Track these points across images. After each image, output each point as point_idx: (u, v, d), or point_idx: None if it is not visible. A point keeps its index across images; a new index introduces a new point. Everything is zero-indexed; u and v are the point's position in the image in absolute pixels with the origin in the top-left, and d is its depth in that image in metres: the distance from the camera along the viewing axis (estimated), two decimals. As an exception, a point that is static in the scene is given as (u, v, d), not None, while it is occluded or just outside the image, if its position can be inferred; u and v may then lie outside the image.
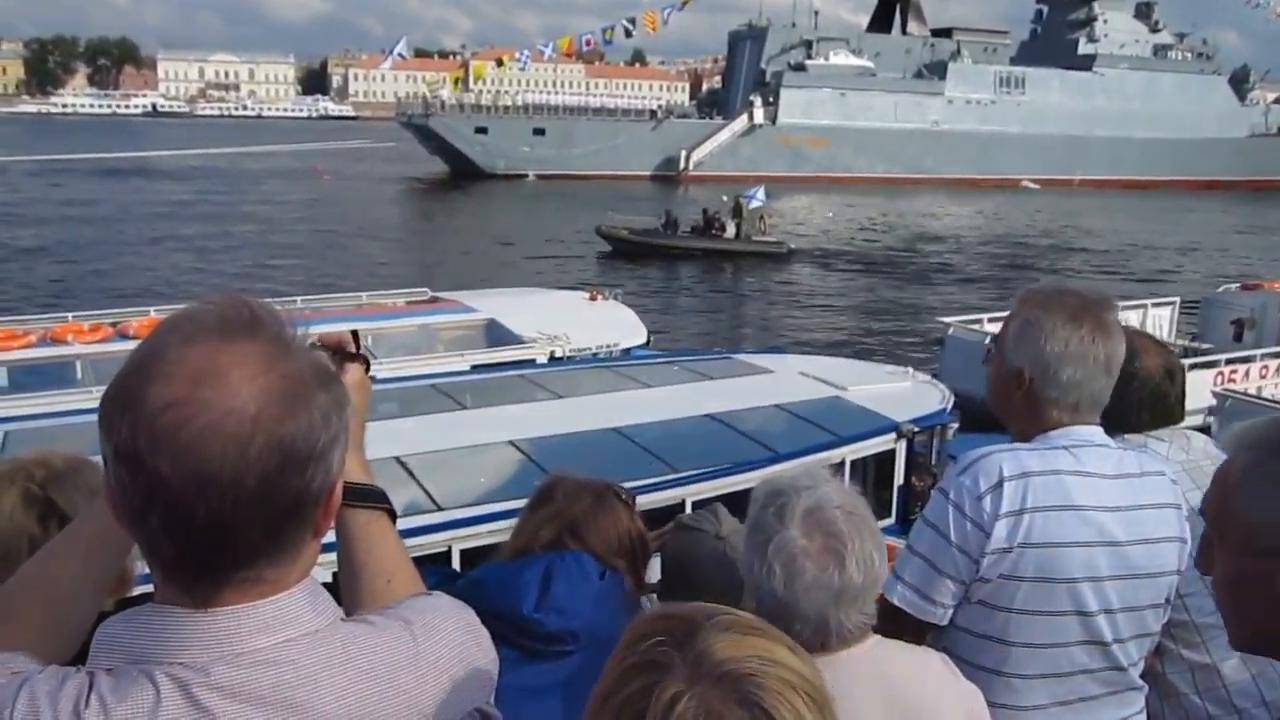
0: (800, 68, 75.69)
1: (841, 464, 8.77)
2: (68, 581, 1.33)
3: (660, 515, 7.54)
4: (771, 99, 73.80)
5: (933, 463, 9.72)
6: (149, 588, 1.19)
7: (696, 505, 7.43)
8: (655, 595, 2.68)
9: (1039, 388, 2.27)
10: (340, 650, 1.15)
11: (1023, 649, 2.21)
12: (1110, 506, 2.20)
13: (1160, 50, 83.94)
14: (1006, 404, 2.39)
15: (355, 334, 1.59)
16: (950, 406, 10.02)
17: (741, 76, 79.39)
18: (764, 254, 34.21)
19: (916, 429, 9.30)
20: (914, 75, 79.18)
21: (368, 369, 1.55)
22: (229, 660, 1.09)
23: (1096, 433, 2.29)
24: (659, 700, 1.03)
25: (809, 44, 77.55)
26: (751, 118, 72.92)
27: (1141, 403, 2.90)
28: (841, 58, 76.87)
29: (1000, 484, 2.16)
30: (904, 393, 10.32)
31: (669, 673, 1.05)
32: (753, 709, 1.02)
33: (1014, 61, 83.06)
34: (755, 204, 33.84)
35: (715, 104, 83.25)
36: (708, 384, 10.67)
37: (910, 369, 11.19)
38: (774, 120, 73.34)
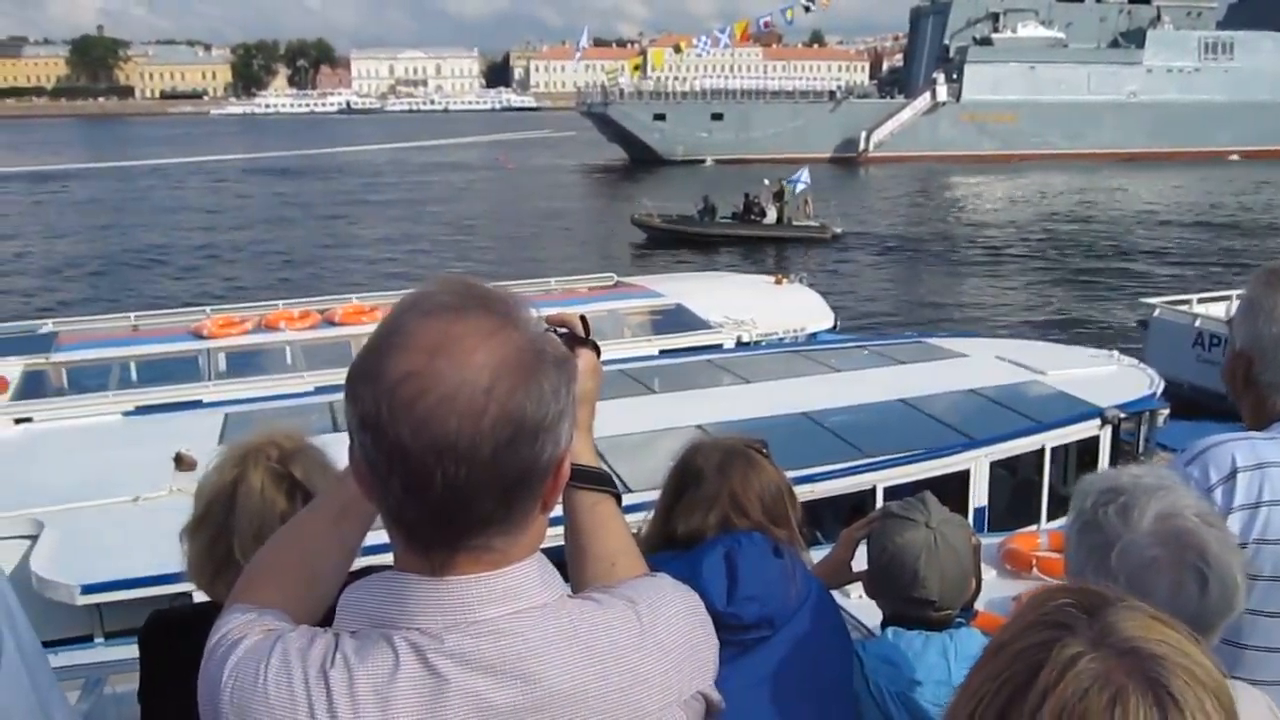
0: (986, 42, 72.87)
1: (1041, 451, 8.51)
2: (316, 549, 1.41)
3: (851, 501, 7.53)
4: (955, 75, 71.31)
5: (1139, 451, 9.29)
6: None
7: (889, 492, 7.35)
8: (860, 585, 2.67)
9: (1259, 371, 2.15)
10: (567, 625, 1.18)
11: (1259, 652, 2.07)
12: None
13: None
14: (1235, 388, 2.26)
15: (584, 319, 1.60)
16: (1160, 392, 9.56)
17: (924, 53, 77.02)
18: (806, 239, 32.71)
19: (1123, 415, 8.91)
20: (1109, 45, 75.02)
21: (598, 355, 1.57)
22: (462, 628, 1.14)
23: None
24: (1059, 655, 1.02)
25: (995, 16, 74.43)
26: (934, 96, 70.66)
27: None
28: (1030, 29, 73.52)
29: (1233, 475, 2.04)
30: (1109, 377, 9.90)
31: (1073, 633, 1.04)
32: (1158, 689, 0.99)
33: (1220, 26, 77.76)
34: (800, 187, 32.22)
35: (896, 83, 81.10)
36: (899, 368, 10.50)
37: (1115, 352, 10.72)
38: (958, 97, 70.85)
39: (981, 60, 71.08)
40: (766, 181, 34.06)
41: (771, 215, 32.43)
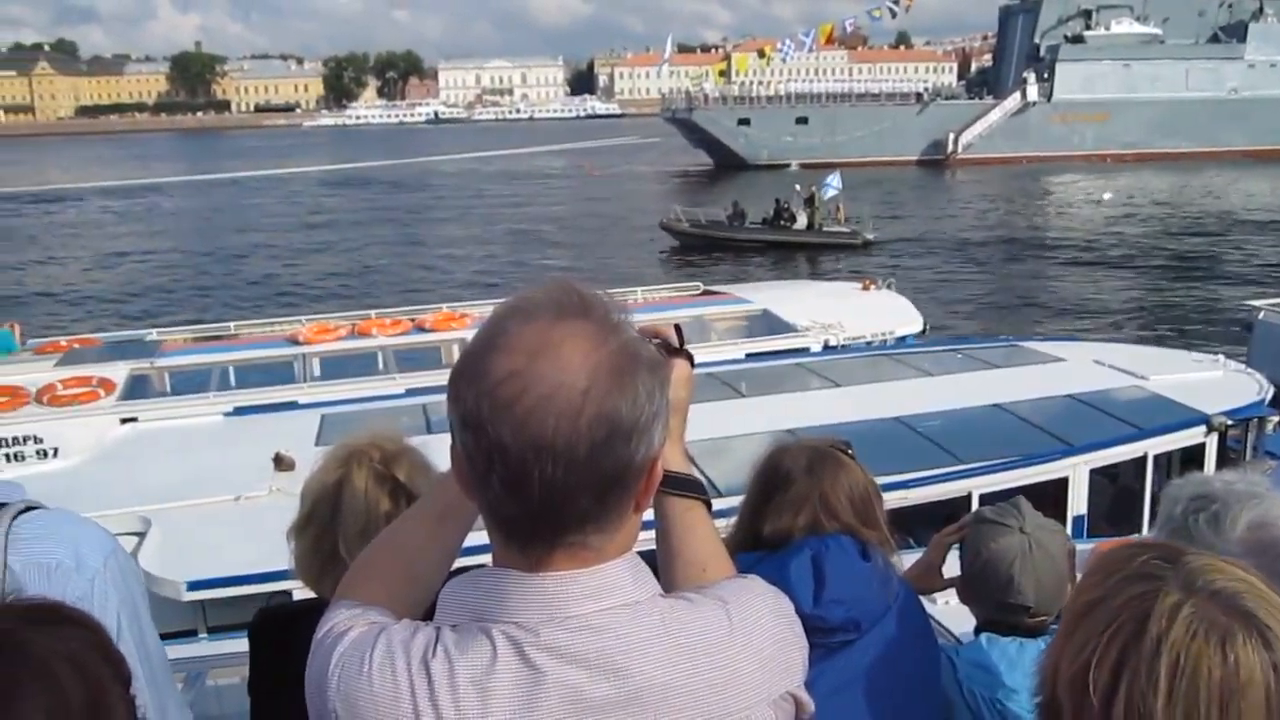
0: (1078, 39, 71.24)
1: (1143, 459, 8.28)
2: (418, 550, 1.44)
3: (945, 508, 7.40)
4: (1046, 74, 69.81)
5: (1247, 459, 8.97)
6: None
7: (984, 498, 7.20)
8: (954, 591, 2.62)
9: None
10: (659, 622, 1.20)
11: None
12: None
13: None
14: None
15: (679, 328, 1.60)
16: (1269, 398, 9.23)
17: (1013, 53, 75.55)
18: (837, 245, 31.95)
19: (1230, 422, 8.61)
20: (1208, 40, 72.74)
21: (692, 365, 1.58)
22: (557, 623, 1.17)
23: None
24: (1163, 604, 1.11)
25: (1088, 13, 72.67)
26: (1024, 95, 69.30)
27: None
28: (1124, 26, 71.61)
29: None
30: (1214, 382, 9.59)
31: (1166, 583, 1.12)
32: (1248, 619, 1.10)
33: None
34: (831, 192, 31.54)
35: (985, 83, 79.79)
36: (992, 372, 10.31)
37: (1220, 357, 10.38)
38: (1049, 97, 69.38)
39: (1073, 59, 69.53)
40: (798, 187, 33.75)
41: (802, 220, 31.96)
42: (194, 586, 6.32)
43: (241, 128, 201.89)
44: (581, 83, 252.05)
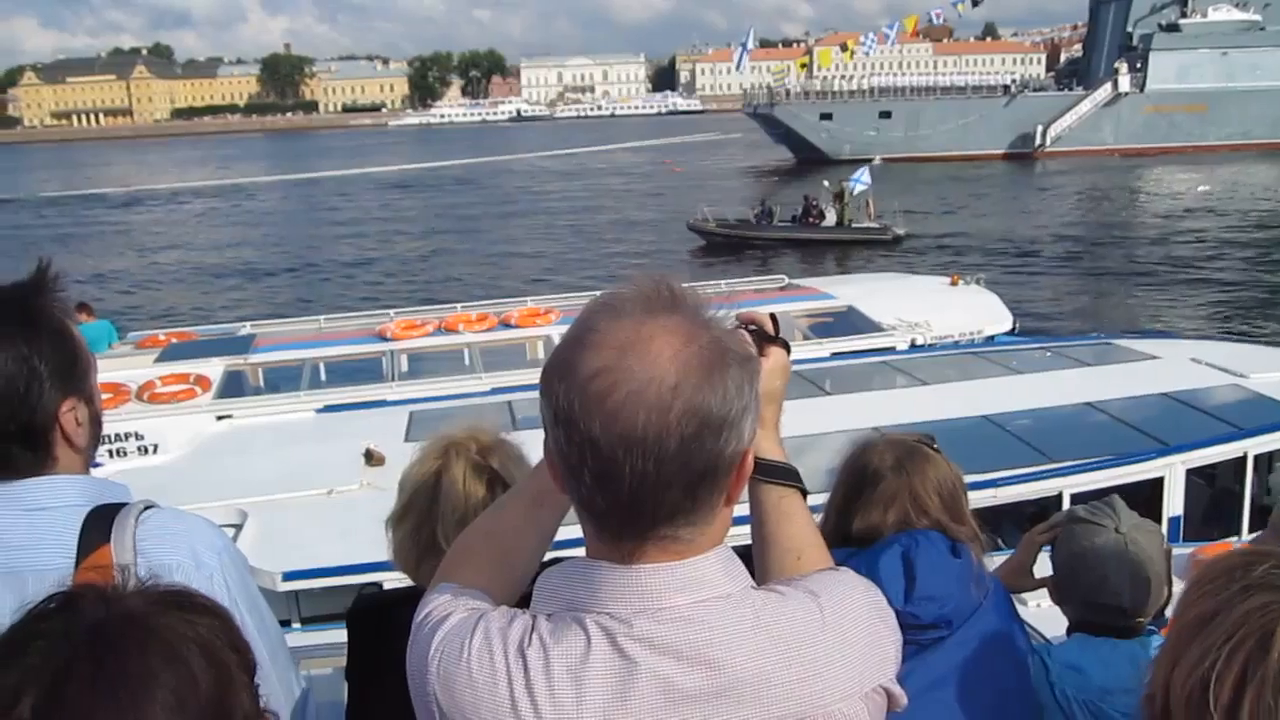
0: (1173, 28, 68.99)
1: (1242, 459, 8.03)
2: (514, 535, 1.48)
3: (1035, 507, 7.27)
4: (1139, 64, 67.77)
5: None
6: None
7: (1075, 498, 7.07)
8: (1045, 591, 2.59)
9: None
10: (751, 615, 1.22)
11: None
12: None
13: None
14: None
15: (774, 317, 1.61)
16: (1377, 397, 8.88)
17: (1105, 42, 73.51)
18: (867, 241, 31.04)
19: (1335, 421, 8.31)
20: (1312, 26, 70.01)
21: (788, 353, 1.58)
22: (650, 614, 1.19)
23: None
24: None
25: (1183, 1, 70.54)
26: (1116, 86, 67.33)
27: None
28: (1223, 13, 69.09)
29: None
30: (1320, 381, 9.26)
31: None
32: None
33: None
34: (860, 188, 30.72)
35: (1075, 74, 77.79)
36: (1085, 370, 10.11)
37: (1325, 355, 10.02)
38: (1142, 87, 67.33)
39: (1168, 47, 67.26)
40: (826, 183, 33.17)
41: (831, 217, 31.19)
42: (289, 577, 6.48)
43: (329, 128, 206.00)
44: (663, 79, 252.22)
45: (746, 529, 1.51)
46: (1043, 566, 2.63)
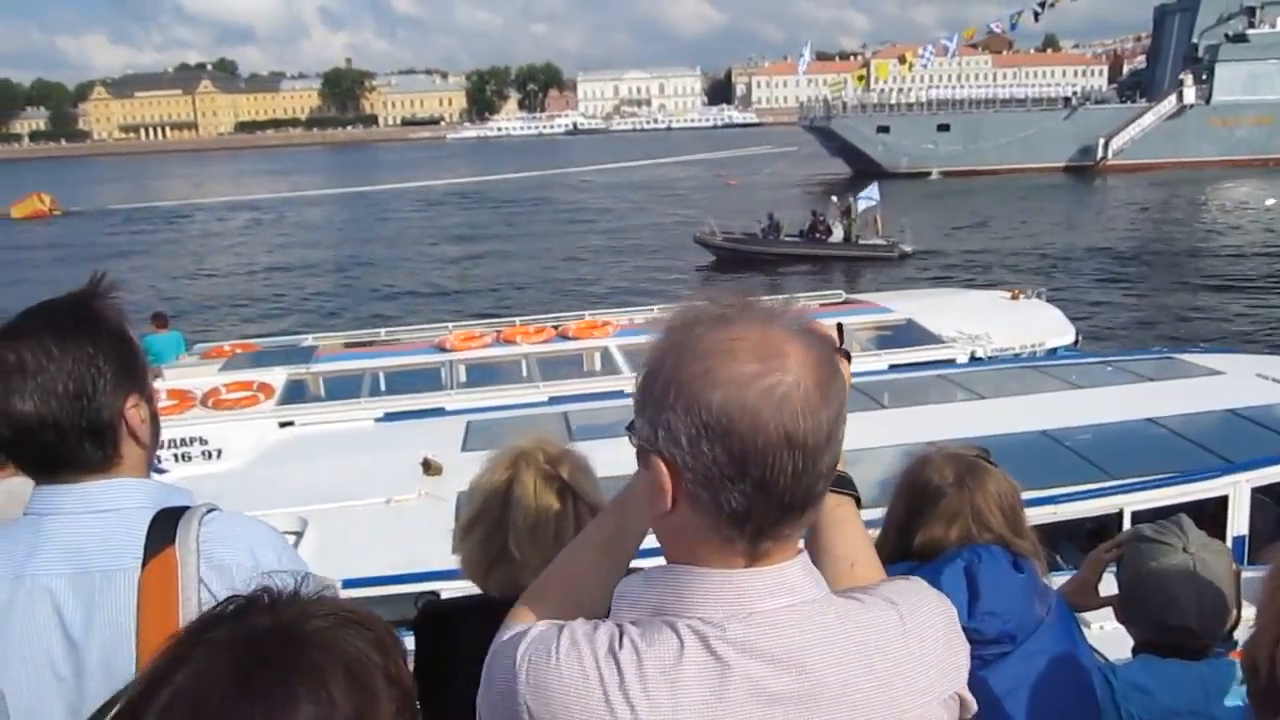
0: (1240, 38, 67.50)
1: (1310, 477, 7.82)
2: (583, 580, 1.49)
3: (1094, 525, 7.15)
4: (1205, 76, 66.49)
5: None
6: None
7: (1136, 516, 6.94)
8: (1106, 611, 2.56)
9: None
10: (836, 620, 1.25)
11: None
12: None
13: None
14: None
15: (840, 327, 1.63)
16: None
17: (1169, 54, 72.20)
18: (874, 258, 30.36)
19: None
20: (1386, 36, 68.24)
21: (849, 363, 1.61)
22: (742, 619, 1.22)
23: None
24: None
25: (1251, 10, 68.65)
26: (1180, 98, 66.09)
27: None
28: (1292, 23, 67.84)
29: None
30: (1390, 398, 9.02)
31: None
32: None
33: None
34: (867, 204, 30.19)
35: (1138, 86, 76.44)
36: (1147, 385, 9.93)
37: (1404, 372, 9.75)
38: (1207, 99, 66.05)
39: (1235, 59, 65.88)
40: (835, 199, 32.78)
41: (838, 233, 30.76)
42: (349, 585, 6.54)
43: (388, 141, 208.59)
44: (719, 92, 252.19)
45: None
46: (1107, 585, 2.61)
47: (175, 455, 10.08)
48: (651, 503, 1.27)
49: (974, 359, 12.38)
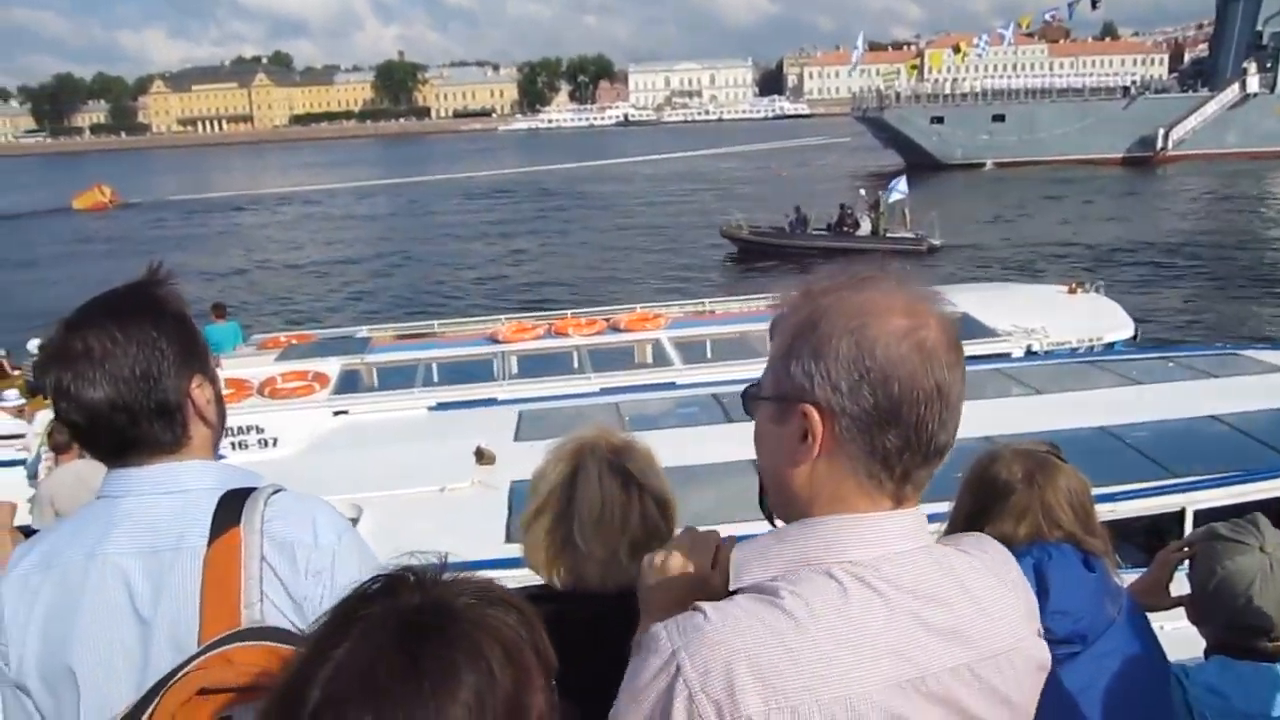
0: (1306, 26, 66.07)
1: (1384, 479, 7.63)
2: None
3: (1155, 523, 7.03)
4: (1269, 64, 64.88)
5: None
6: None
7: (1199, 515, 6.81)
8: (1184, 610, 2.51)
9: None
10: (954, 563, 1.34)
11: None
12: None
13: None
14: None
15: None
16: None
17: (1232, 41, 70.47)
18: (902, 252, 29.36)
19: None
20: None
21: None
22: (890, 559, 1.29)
23: None
24: None
25: (1318, -3, 67.28)
26: (1244, 87, 64.53)
27: None
28: (1361, 9, 66.01)
29: None
30: None
31: None
32: None
33: None
34: (895, 197, 29.63)
35: (1200, 75, 74.89)
36: (1210, 382, 9.73)
37: None
38: (1272, 88, 64.31)
39: (1301, 45, 64.40)
40: (863, 191, 32.38)
41: (866, 226, 30.35)
42: (403, 572, 6.61)
43: (440, 133, 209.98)
44: (770, 83, 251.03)
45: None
46: (1176, 585, 2.56)
47: (232, 444, 10.24)
48: (794, 451, 1.33)
49: (1030, 353, 12.22)
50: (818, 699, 1.18)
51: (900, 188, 29.92)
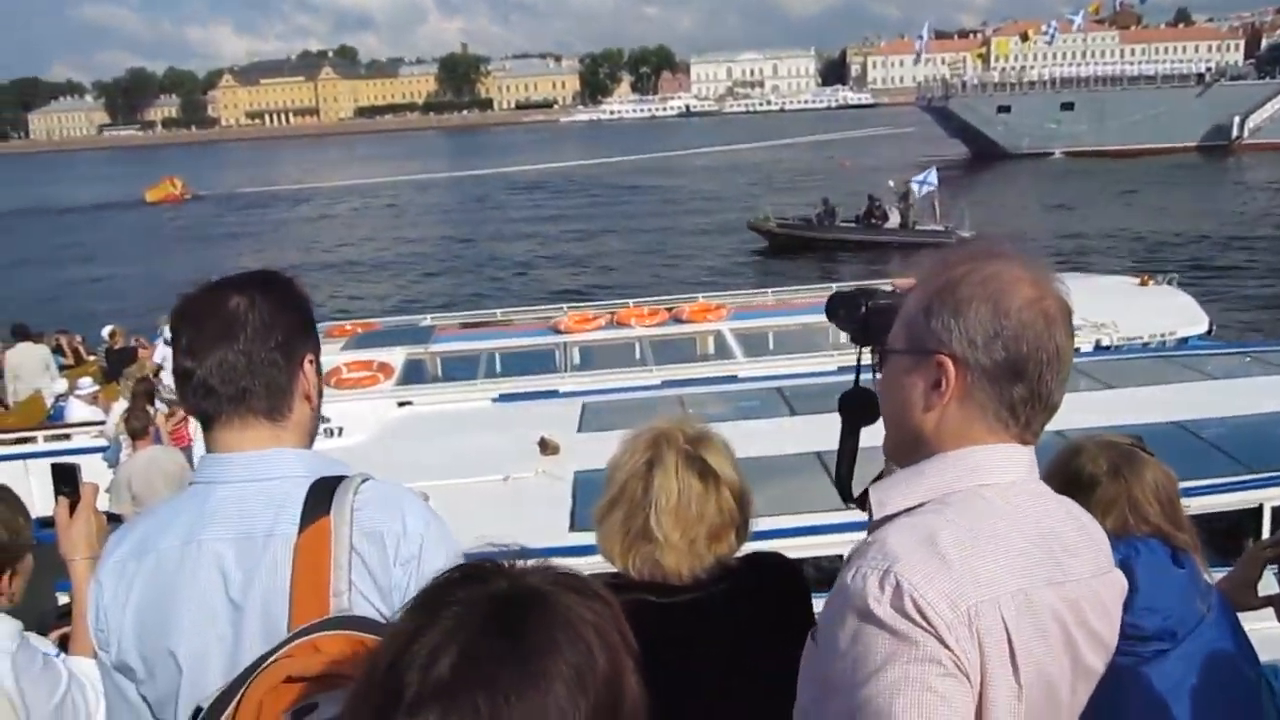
0: (1392, 10, 63.99)
1: None
2: None
3: (1230, 520, 6.87)
4: (1352, 49, 63.31)
5: None
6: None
7: (1276, 511, 6.64)
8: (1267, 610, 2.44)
9: None
10: (1039, 494, 1.51)
11: None
12: None
13: None
14: None
15: None
16: None
17: (1313, 26, 68.80)
18: (931, 244, 27.55)
19: None
20: None
21: None
22: (1021, 484, 1.49)
23: None
24: None
25: (1403, -20, 65.15)
26: (1324, 73, 63.07)
27: None
28: None
29: None
30: None
31: None
32: None
33: None
34: (925, 189, 28.77)
35: (1278, 61, 73.13)
36: (1288, 377, 9.46)
37: None
38: (1354, 73, 62.85)
39: (1385, 31, 62.36)
40: (891, 183, 31.77)
41: (894, 219, 29.60)
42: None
43: (503, 124, 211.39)
44: (833, 73, 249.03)
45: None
46: (1266, 584, 2.49)
47: (299, 431, 10.35)
48: (928, 397, 1.51)
49: (1099, 347, 11.97)
50: (1003, 591, 1.35)
51: (930, 179, 29.29)
